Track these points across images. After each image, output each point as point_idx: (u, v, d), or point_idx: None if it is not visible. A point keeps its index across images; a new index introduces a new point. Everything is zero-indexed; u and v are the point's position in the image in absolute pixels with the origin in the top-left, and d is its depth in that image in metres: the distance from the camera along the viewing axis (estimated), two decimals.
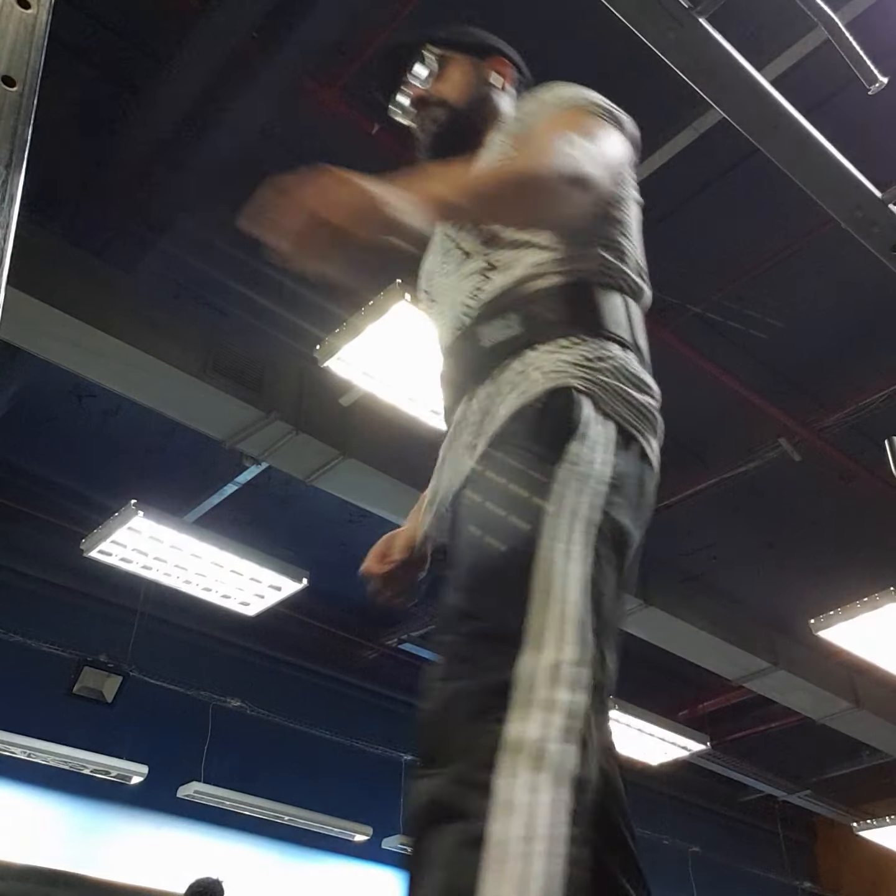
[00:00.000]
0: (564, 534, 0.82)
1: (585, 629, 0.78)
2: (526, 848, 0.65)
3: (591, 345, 0.98)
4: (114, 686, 4.26)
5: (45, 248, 2.87)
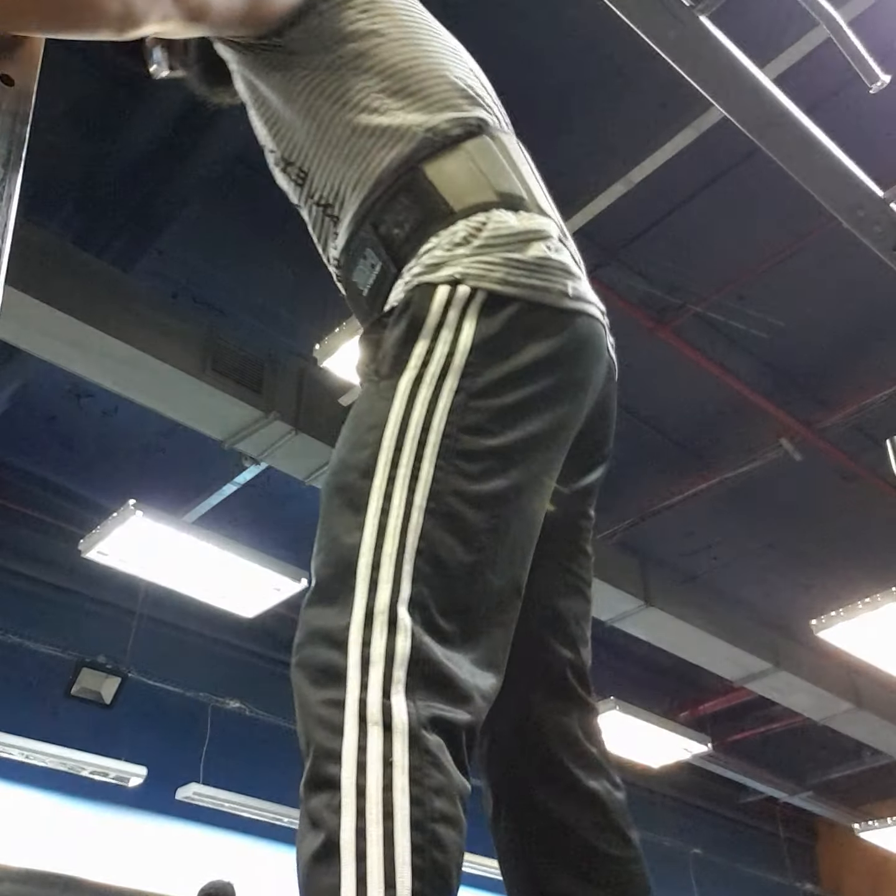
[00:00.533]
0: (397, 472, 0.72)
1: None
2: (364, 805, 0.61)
3: (447, 236, 0.86)
4: (112, 687, 4.25)
5: (44, 248, 2.87)
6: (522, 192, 0.92)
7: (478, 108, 0.96)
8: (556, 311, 0.83)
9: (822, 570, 4.78)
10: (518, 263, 0.83)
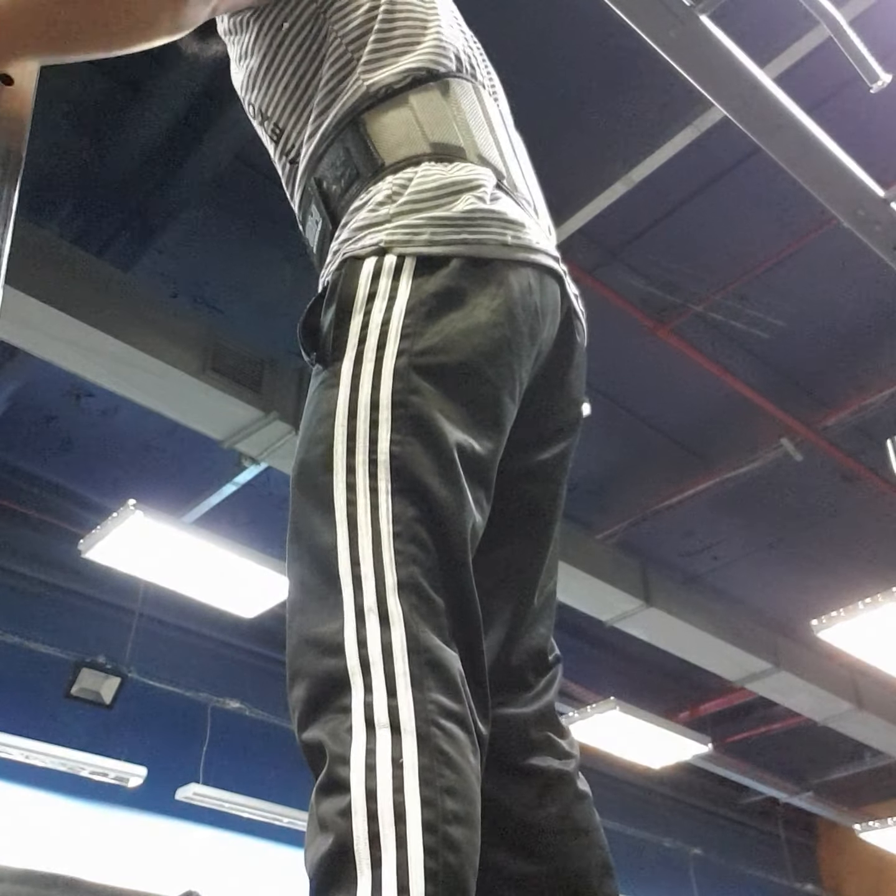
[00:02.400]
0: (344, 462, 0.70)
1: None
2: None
3: (374, 193, 0.83)
4: (112, 687, 4.24)
5: (44, 248, 2.86)
6: (461, 140, 0.87)
7: (437, 55, 0.92)
8: (494, 263, 0.78)
9: (822, 570, 4.78)
10: (444, 220, 0.79)
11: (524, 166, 0.94)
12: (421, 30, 0.94)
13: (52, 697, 4.22)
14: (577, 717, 4.91)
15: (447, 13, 1.02)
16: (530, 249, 0.82)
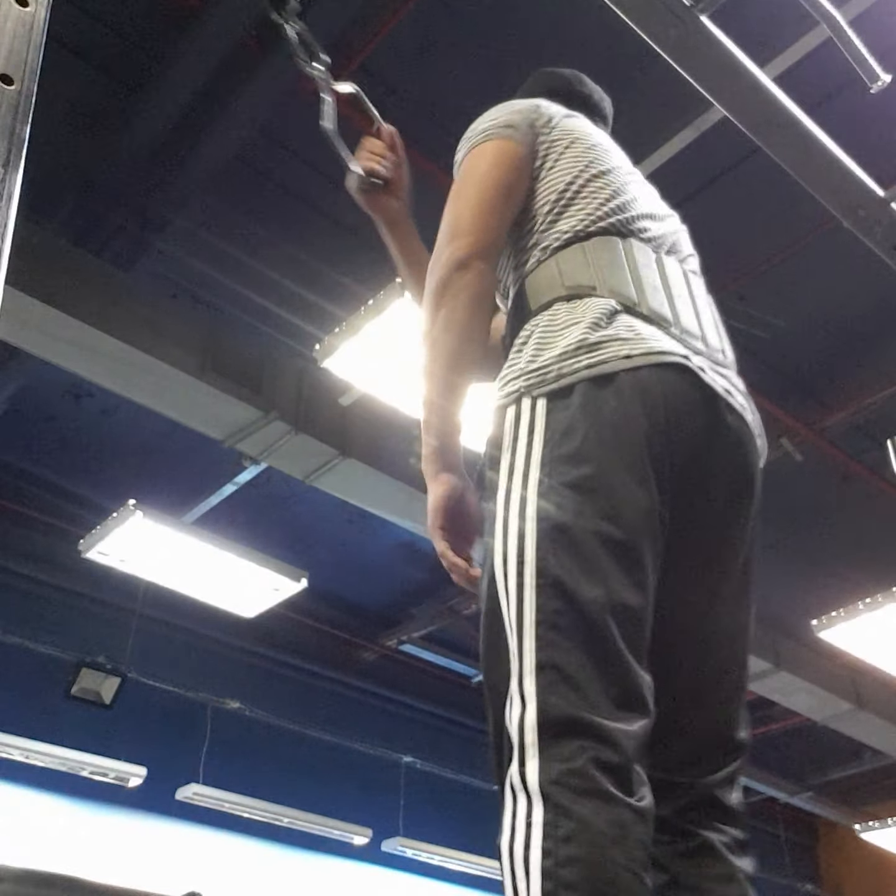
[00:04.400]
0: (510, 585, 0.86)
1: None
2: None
3: (519, 337, 0.98)
4: (112, 687, 4.25)
5: (44, 248, 2.86)
6: (593, 279, 0.98)
7: (599, 216, 1.04)
8: (618, 377, 0.88)
9: (822, 570, 4.78)
10: (566, 355, 0.91)
11: (698, 306, 1.04)
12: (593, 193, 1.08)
13: (53, 697, 4.22)
14: None
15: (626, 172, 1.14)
16: (651, 354, 0.91)
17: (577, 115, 1.19)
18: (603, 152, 1.12)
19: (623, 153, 1.20)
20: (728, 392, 0.96)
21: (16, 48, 0.76)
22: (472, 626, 5.16)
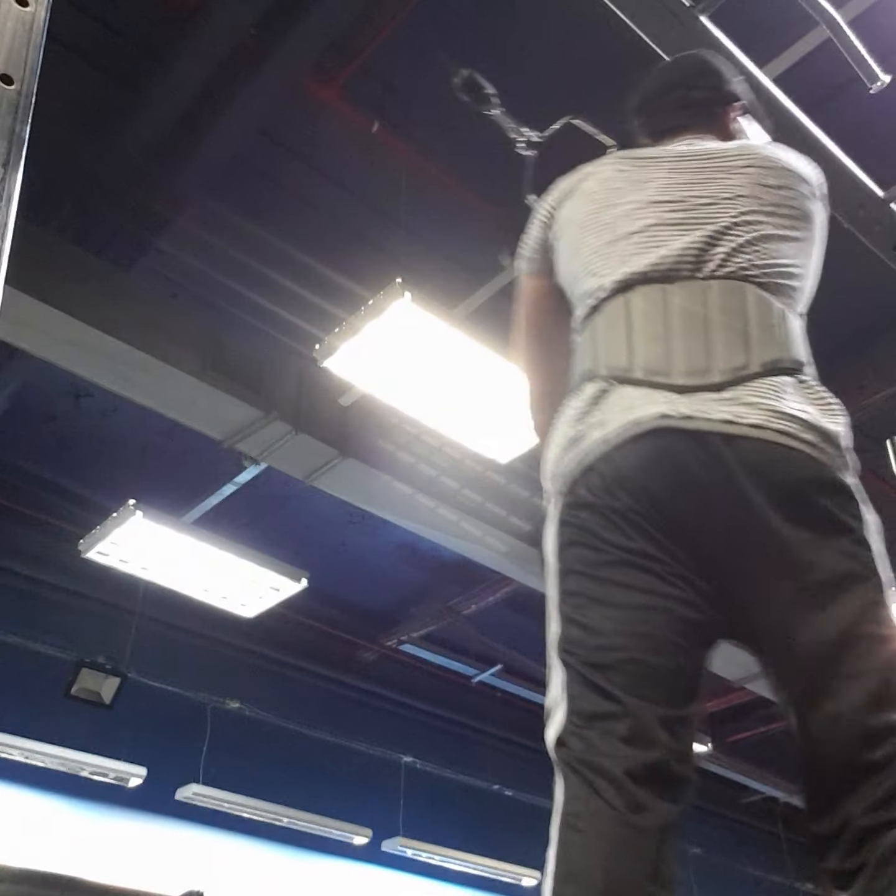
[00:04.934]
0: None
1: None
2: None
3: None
4: (112, 687, 4.24)
5: (44, 248, 2.86)
6: (586, 363, 1.08)
7: (601, 276, 1.11)
8: (596, 465, 0.99)
9: None
10: (558, 456, 1.04)
11: (710, 330, 1.04)
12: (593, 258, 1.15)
13: (52, 697, 4.21)
14: None
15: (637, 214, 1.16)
16: (624, 430, 0.98)
17: (579, 187, 1.21)
18: (595, 223, 1.15)
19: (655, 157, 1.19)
20: (729, 422, 0.96)
21: (16, 48, 0.76)
22: (471, 626, 5.16)
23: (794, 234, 1.12)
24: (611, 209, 1.14)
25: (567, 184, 1.21)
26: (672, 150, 1.19)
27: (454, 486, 3.84)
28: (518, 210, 3.16)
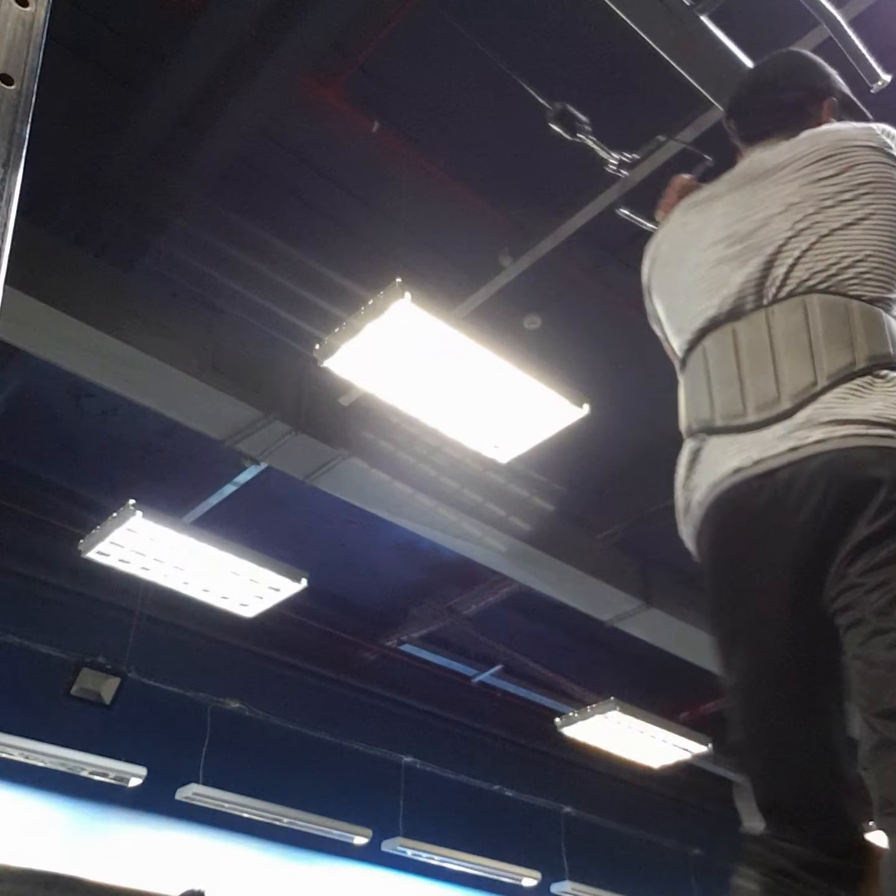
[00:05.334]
0: None
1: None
2: None
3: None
4: (112, 687, 4.24)
5: (44, 248, 2.86)
6: (688, 417, 1.11)
7: (688, 331, 1.15)
8: (701, 527, 1.08)
9: None
10: (686, 534, 1.13)
11: (758, 367, 1.05)
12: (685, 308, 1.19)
13: (52, 697, 4.21)
14: (577, 717, 4.91)
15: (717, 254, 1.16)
16: (714, 488, 1.04)
17: (657, 254, 1.28)
18: (673, 286, 1.23)
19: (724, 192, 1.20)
20: (794, 448, 0.97)
21: (16, 48, 0.75)
22: (471, 627, 5.16)
23: (860, 214, 1.06)
24: (682, 266, 1.19)
25: (649, 255, 1.30)
26: (732, 177, 1.20)
27: (454, 486, 3.84)
28: (518, 210, 3.17)
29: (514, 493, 4.21)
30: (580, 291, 3.41)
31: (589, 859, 5.89)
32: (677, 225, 1.23)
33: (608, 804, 6.20)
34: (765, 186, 1.13)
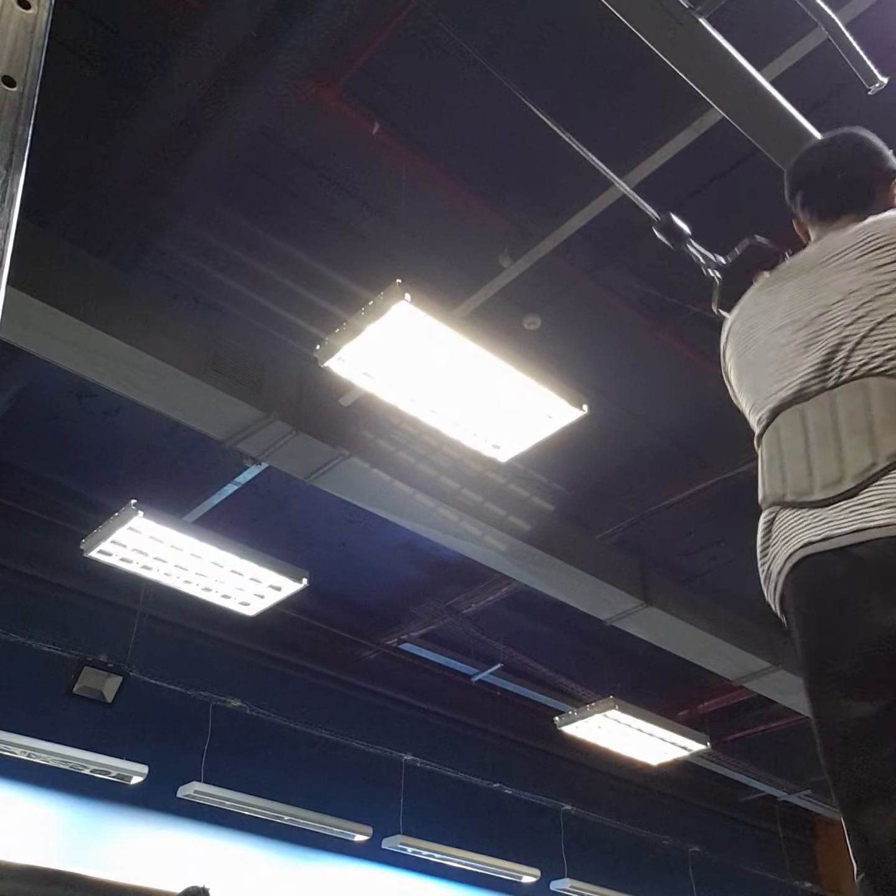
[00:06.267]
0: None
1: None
2: None
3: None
4: (114, 686, 4.25)
5: (46, 249, 2.87)
6: (764, 489, 1.21)
7: (763, 408, 1.22)
8: (777, 592, 1.19)
9: None
10: (770, 598, 1.25)
11: (825, 441, 1.13)
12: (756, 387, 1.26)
13: (54, 696, 4.22)
14: (577, 716, 4.92)
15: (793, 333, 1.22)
16: (789, 560, 1.12)
17: (732, 330, 1.33)
18: (745, 364, 1.27)
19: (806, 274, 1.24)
20: (859, 530, 1.04)
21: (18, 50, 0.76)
22: (471, 625, 5.17)
23: None
24: (750, 345, 1.26)
25: (727, 327, 1.35)
26: (801, 260, 1.26)
27: (454, 486, 3.85)
28: (518, 211, 3.17)
29: (514, 493, 4.22)
30: (580, 292, 3.42)
31: (588, 857, 5.90)
32: (751, 303, 1.31)
33: (607, 802, 6.21)
34: (828, 273, 1.19)
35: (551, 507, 4.39)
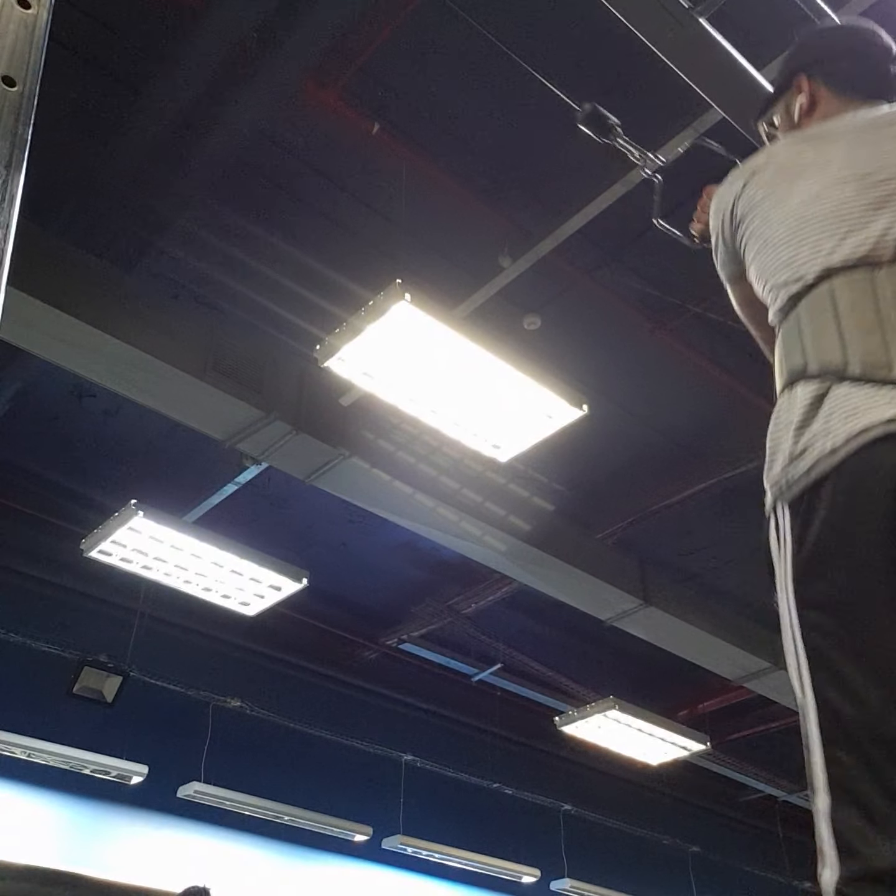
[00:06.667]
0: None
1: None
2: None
3: (769, 432, 1.08)
4: (114, 686, 4.26)
5: (46, 249, 2.88)
6: (805, 356, 1.01)
7: (806, 263, 1.05)
8: (829, 478, 0.93)
9: None
10: (787, 467, 1.00)
11: None
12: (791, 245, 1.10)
13: (55, 696, 4.23)
14: (577, 716, 4.92)
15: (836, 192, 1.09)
16: (854, 438, 0.92)
17: (752, 180, 1.17)
18: (780, 213, 1.11)
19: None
20: None
21: (18, 50, 0.76)
22: (471, 625, 5.17)
23: None
24: (792, 195, 1.10)
25: (745, 173, 1.18)
26: (846, 124, 1.15)
27: (454, 486, 3.85)
28: (518, 211, 3.17)
29: (514, 493, 4.22)
30: (580, 292, 3.42)
31: (588, 857, 5.90)
32: (791, 152, 1.15)
33: (607, 802, 6.22)
34: (888, 140, 1.09)
35: (551, 507, 4.39)
